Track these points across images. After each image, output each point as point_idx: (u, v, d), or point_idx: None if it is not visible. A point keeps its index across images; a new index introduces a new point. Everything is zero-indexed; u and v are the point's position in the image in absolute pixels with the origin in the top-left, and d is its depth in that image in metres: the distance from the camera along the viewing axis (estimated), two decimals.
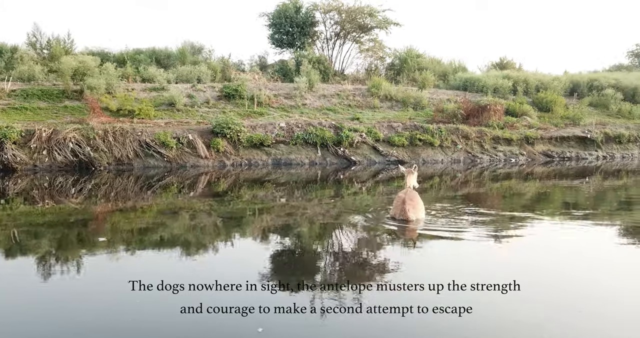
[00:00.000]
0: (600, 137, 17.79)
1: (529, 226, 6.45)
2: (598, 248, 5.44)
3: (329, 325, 3.22)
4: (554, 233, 6.10)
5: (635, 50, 30.69)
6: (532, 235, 5.97)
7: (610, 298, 3.80)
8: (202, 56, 21.23)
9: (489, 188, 10.47)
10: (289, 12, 23.37)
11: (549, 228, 6.41)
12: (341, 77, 23.28)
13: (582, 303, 3.72)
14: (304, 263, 4.85)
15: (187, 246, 5.40)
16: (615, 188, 10.72)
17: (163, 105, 15.24)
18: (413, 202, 6.15)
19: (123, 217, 7.18)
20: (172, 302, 3.56)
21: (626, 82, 21.75)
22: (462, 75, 21.90)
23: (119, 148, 12.62)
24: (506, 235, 5.92)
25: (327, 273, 4.49)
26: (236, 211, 7.75)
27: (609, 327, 3.27)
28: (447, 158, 15.61)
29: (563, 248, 5.30)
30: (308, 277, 4.27)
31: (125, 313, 3.46)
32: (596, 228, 6.39)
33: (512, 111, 18.27)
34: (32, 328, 3.23)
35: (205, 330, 3.15)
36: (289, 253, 5.25)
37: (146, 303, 3.62)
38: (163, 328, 3.21)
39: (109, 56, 19.33)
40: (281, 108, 16.63)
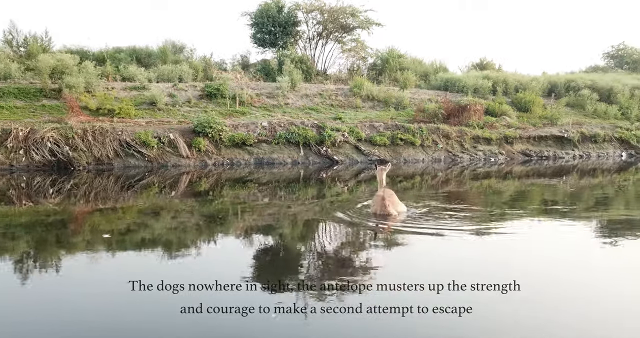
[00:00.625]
0: (576, 136, 18.19)
1: (515, 224, 6.54)
2: (592, 245, 5.53)
3: (329, 325, 3.24)
4: (544, 230, 6.23)
5: (610, 51, 31.42)
6: (523, 233, 5.99)
7: (610, 297, 3.83)
8: (183, 55, 21.05)
9: (469, 187, 10.63)
10: (271, 12, 23.33)
11: (539, 226, 6.53)
12: (324, 76, 23.33)
13: (582, 303, 3.74)
14: (302, 263, 4.87)
15: (170, 246, 5.38)
16: (594, 186, 10.98)
17: (144, 104, 15.09)
18: (392, 199, 6.56)
19: (103, 218, 7.11)
20: (172, 302, 3.55)
21: (602, 83, 22.26)
22: (443, 76, 22.14)
23: (98, 147, 12.45)
24: (498, 233, 5.98)
25: (326, 273, 4.49)
26: (218, 211, 7.73)
27: (609, 326, 3.29)
28: (428, 157, 15.78)
29: (559, 247, 5.38)
30: (307, 277, 4.29)
31: (125, 313, 3.46)
32: (585, 226, 6.54)
33: (491, 111, 18.56)
34: (32, 328, 3.21)
35: (205, 330, 3.15)
36: (286, 253, 5.27)
37: (146, 303, 3.63)
38: (163, 328, 3.20)
39: (88, 54, 19.03)
40: (263, 107, 16.60)
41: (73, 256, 4.99)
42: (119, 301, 3.68)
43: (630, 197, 9.69)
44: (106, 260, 4.84)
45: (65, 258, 4.91)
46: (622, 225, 6.64)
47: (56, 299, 3.77)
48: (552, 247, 5.39)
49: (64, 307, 3.61)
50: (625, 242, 5.63)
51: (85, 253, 5.07)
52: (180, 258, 4.90)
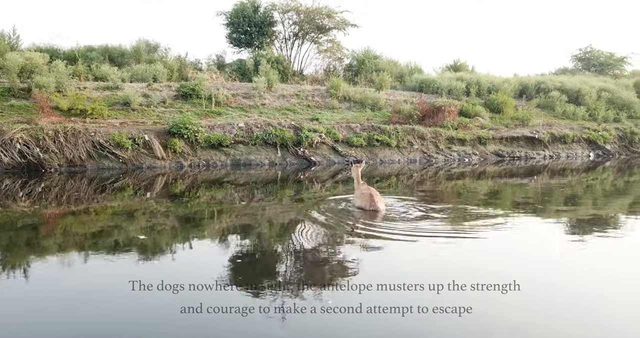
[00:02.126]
0: (547, 137, 18.68)
1: (494, 224, 6.69)
2: (585, 243, 5.70)
3: (329, 325, 3.25)
4: (533, 230, 6.39)
5: (578, 54, 32.35)
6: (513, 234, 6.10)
7: (610, 296, 3.90)
8: (157, 54, 20.78)
9: (445, 187, 10.81)
10: (247, 12, 23.23)
11: (526, 225, 6.70)
12: (300, 77, 23.35)
13: (582, 302, 3.80)
14: (299, 263, 4.86)
15: (149, 248, 5.32)
16: (564, 185, 11.30)
17: (117, 104, 14.82)
18: (378, 196, 6.93)
19: (76, 220, 6.97)
20: (173, 302, 3.56)
21: (570, 85, 22.93)
22: (418, 77, 22.43)
23: (70, 149, 12.17)
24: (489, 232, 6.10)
25: (324, 273, 4.49)
26: (196, 212, 7.66)
27: (609, 326, 3.34)
28: (403, 158, 15.97)
29: (553, 245, 5.52)
30: (306, 277, 4.29)
31: (125, 314, 3.45)
32: (561, 223, 6.74)
33: (465, 112, 18.90)
34: (33, 329, 3.18)
35: (205, 330, 3.14)
36: (280, 254, 5.26)
37: (146, 303, 3.62)
38: (163, 329, 3.19)
39: (58, 53, 18.61)
40: (240, 108, 16.52)
41: (52, 258, 4.88)
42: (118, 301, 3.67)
43: (601, 195, 10.03)
44: (93, 261, 4.76)
45: (49, 261, 4.80)
46: (604, 222, 6.88)
47: (55, 300, 3.75)
48: (532, 245, 5.55)
49: (63, 307, 3.59)
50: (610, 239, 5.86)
51: (59, 256, 4.97)
52: (161, 260, 4.85)
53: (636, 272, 4.66)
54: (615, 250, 5.43)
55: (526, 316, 3.48)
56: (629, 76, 28.55)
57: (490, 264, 4.80)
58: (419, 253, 5.11)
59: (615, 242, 5.76)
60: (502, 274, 4.31)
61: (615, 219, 7.28)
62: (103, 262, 4.86)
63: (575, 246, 5.63)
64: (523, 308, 3.62)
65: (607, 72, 30.21)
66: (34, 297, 3.85)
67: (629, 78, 27.06)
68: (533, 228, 6.49)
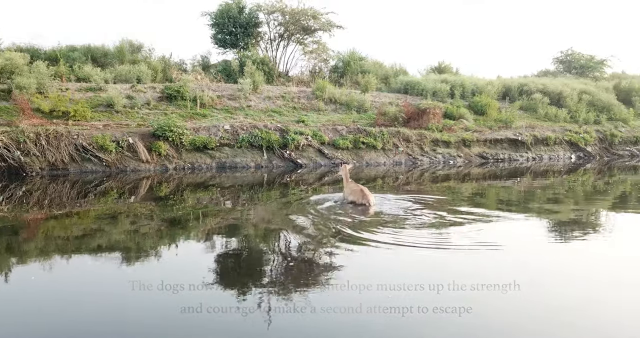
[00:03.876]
0: (530, 139, 18.95)
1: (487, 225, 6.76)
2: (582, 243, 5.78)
3: (330, 325, 3.24)
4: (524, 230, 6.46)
5: (559, 57, 32.87)
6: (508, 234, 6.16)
7: (610, 295, 3.94)
8: (141, 55, 20.53)
9: (430, 189, 10.89)
10: (232, 12, 23.10)
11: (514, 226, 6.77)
12: (286, 78, 23.31)
13: (581, 302, 3.82)
14: (297, 263, 4.84)
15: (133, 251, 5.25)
16: (546, 187, 11.47)
17: (100, 106, 14.63)
18: (368, 191, 7.56)
19: (59, 224, 6.85)
20: (173, 302, 3.55)
21: (552, 87, 23.29)
22: (403, 79, 22.57)
23: (52, 152, 11.97)
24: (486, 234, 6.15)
25: (323, 273, 4.48)
26: (180, 215, 7.60)
27: (608, 326, 3.36)
28: (389, 160, 16.05)
29: (550, 245, 5.61)
30: (304, 277, 4.28)
31: (124, 314, 3.42)
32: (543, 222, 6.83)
33: (450, 114, 19.07)
34: (34, 329, 3.16)
35: (205, 330, 3.12)
36: (279, 254, 5.23)
37: (146, 303, 3.60)
38: (163, 329, 3.17)
39: (39, 53, 18.28)
40: (225, 109, 16.43)
41: (38, 262, 4.79)
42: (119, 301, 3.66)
43: (582, 196, 10.20)
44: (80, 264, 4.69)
45: (32, 265, 4.71)
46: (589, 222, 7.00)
47: (54, 301, 3.73)
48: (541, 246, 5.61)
49: (63, 308, 3.58)
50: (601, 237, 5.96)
51: (45, 259, 4.88)
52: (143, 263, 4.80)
53: (629, 270, 4.75)
54: (610, 249, 5.53)
55: (526, 316, 3.51)
56: (608, 79, 29.12)
57: (491, 264, 4.85)
58: (418, 254, 5.14)
59: (607, 243, 5.87)
60: (501, 274, 4.35)
61: (604, 219, 7.41)
62: (87, 264, 4.79)
63: (568, 245, 5.72)
64: (523, 307, 3.65)
65: (588, 75, 30.75)
66: (31, 297, 3.82)
67: (609, 80, 27.60)
68: (520, 227, 6.58)
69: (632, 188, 11.35)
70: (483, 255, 5.16)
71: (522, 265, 4.82)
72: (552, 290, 4.10)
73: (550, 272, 4.69)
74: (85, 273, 4.60)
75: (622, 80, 26.67)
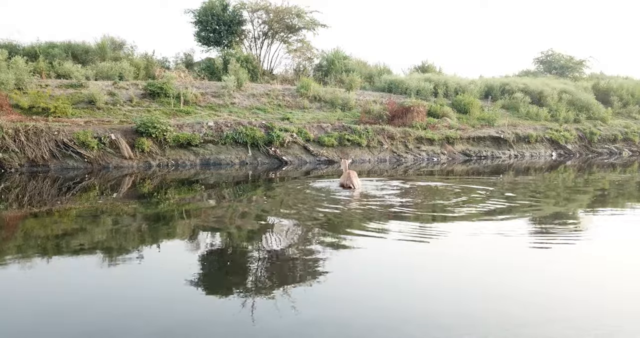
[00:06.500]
0: (512, 137, 19.22)
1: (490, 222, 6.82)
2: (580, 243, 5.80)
3: (330, 325, 3.21)
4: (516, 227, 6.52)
5: (540, 57, 33.43)
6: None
7: (610, 293, 3.92)
8: (123, 52, 20.31)
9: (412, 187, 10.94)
10: (216, 10, 22.97)
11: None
12: (270, 76, 23.25)
13: (581, 302, 3.80)
14: (299, 263, 4.79)
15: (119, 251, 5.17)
16: (528, 183, 11.63)
17: (82, 103, 14.39)
18: (355, 176, 9.09)
19: (38, 223, 6.71)
20: (171, 300, 3.54)
21: (533, 87, 23.67)
22: (387, 78, 22.70)
23: (32, 148, 11.73)
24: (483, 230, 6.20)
25: (322, 272, 4.40)
26: (163, 212, 7.51)
27: (609, 324, 3.33)
28: (374, 157, 16.11)
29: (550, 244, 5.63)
30: (303, 277, 4.24)
31: (124, 314, 3.37)
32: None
33: (433, 112, 19.24)
34: (33, 329, 3.11)
35: (205, 330, 3.10)
36: (277, 254, 5.19)
37: (145, 303, 3.56)
38: (162, 329, 3.13)
39: (18, 49, 17.96)
40: (209, 107, 16.31)
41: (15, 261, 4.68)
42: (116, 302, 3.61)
43: (565, 192, 10.37)
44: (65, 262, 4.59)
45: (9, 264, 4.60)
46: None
47: (54, 301, 3.65)
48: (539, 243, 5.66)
49: (62, 307, 3.51)
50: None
51: (23, 258, 4.77)
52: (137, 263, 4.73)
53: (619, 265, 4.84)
54: (609, 247, 5.62)
55: (526, 316, 3.49)
56: (587, 79, 29.71)
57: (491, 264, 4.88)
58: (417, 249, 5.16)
59: (606, 239, 5.97)
60: (502, 273, 4.38)
61: (597, 215, 7.54)
62: (65, 264, 4.70)
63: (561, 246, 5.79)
64: (522, 308, 3.62)
65: (567, 75, 31.35)
66: (28, 297, 3.74)
67: (588, 81, 28.16)
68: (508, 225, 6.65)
69: (610, 186, 11.58)
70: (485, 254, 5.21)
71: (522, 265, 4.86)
72: (551, 291, 4.12)
73: (549, 271, 4.74)
74: (62, 273, 4.49)
75: (600, 81, 27.23)
